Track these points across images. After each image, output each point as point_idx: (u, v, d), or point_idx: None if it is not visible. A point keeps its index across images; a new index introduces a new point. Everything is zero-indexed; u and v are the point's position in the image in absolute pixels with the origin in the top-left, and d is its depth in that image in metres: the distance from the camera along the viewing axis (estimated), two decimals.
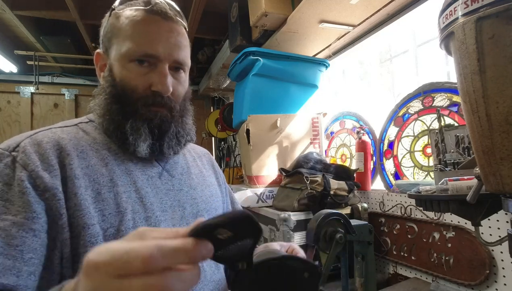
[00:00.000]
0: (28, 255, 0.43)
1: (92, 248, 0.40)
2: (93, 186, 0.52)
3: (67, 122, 0.60)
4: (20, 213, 0.44)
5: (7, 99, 2.94)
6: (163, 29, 0.57)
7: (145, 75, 0.57)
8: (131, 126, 0.57)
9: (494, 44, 0.43)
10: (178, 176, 0.65)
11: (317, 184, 1.20)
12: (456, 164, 0.84)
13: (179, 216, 0.60)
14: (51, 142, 0.52)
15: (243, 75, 1.60)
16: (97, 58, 0.63)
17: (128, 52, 0.56)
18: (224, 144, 3.16)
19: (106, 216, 0.50)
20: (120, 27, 0.57)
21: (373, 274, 0.82)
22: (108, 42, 0.60)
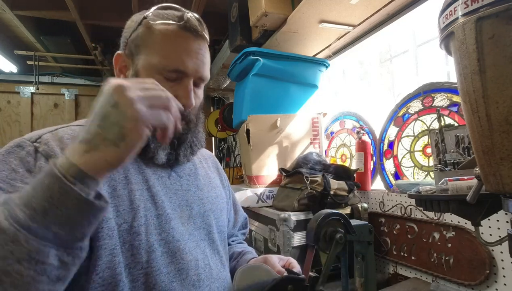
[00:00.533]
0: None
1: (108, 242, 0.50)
2: (109, 181, 0.54)
3: (84, 121, 0.62)
4: None
5: (7, 99, 2.94)
6: (193, 46, 0.60)
7: (171, 88, 0.59)
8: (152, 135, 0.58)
9: (494, 44, 0.43)
10: (186, 177, 0.68)
11: (317, 184, 1.20)
12: (456, 164, 0.84)
13: (187, 215, 0.63)
14: (71, 139, 0.54)
15: (243, 75, 1.60)
16: (117, 59, 0.64)
17: (159, 66, 0.58)
18: (224, 144, 3.16)
19: (120, 212, 0.53)
20: (151, 39, 0.59)
21: (373, 274, 0.82)
22: (135, 48, 0.61)
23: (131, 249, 0.52)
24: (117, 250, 0.50)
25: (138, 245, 0.52)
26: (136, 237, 0.53)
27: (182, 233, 0.59)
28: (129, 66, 0.63)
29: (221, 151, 3.20)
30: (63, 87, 3.09)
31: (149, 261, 0.53)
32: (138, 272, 0.52)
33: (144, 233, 0.54)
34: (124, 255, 0.51)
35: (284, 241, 1.15)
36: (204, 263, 0.61)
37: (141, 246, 0.53)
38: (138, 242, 0.53)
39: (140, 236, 0.53)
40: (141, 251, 0.53)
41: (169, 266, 0.55)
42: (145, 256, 0.53)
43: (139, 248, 0.53)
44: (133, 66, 0.61)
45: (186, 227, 0.61)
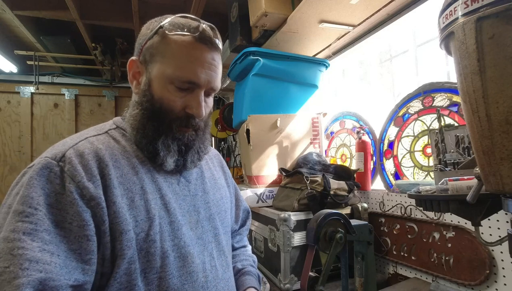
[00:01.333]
0: (87, 257, 0.50)
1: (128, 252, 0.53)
2: (127, 194, 0.57)
3: (98, 130, 0.64)
4: (74, 221, 0.50)
5: (7, 99, 2.94)
6: (207, 58, 0.62)
7: (182, 98, 0.62)
8: (162, 143, 0.62)
9: (494, 44, 0.43)
10: (193, 181, 0.70)
11: (317, 184, 1.20)
12: (456, 164, 0.84)
13: (195, 220, 0.66)
14: (92, 154, 0.56)
15: (243, 75, 1.60)
16: (131, 65, 0.66)
17: (173, 76, 0.60)
18: (224, 144, 3.16)
19: (138, 222, 0.56)
20: (166, 49, 0.60)
21: (373, 274, 0.82)
22: (150, 56, 0.62)
23: (147, 255, 0.55)
24: (134, 258, 0.54)
25: (154, 252, 0.56)
26: (152, 244, 0.56)
27: (191, 238, 0.62)
28: (142, 73, 0.64)
29: (221, 151, 3.20)
30: (63, 87, 3.09)
31: (163, 266, 0.56)
32: (153, 276, 0.55)
33: (159, 240, 0.57)
34: (140, 261, 0.54)
35: (284, 241, 1.15)
36: (211, 265, 0.64)
37: (156, 253, 0.56)
38: (153, 249, 0.56)
39: (155, 244, 0.56)
40: (156, 257, 0.56)
41: (181, 269, 0.58)
42: (159, 261, 0.56)
43: (155, 254, 0.56)
44: (146, 73, 0.63)
45: (194, 232, 0.64)
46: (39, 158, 0.54)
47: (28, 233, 0.46)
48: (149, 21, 0.66)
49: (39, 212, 0.48)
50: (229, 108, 2.43)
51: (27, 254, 0.44)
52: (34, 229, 0.46)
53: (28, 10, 2.09)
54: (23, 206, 0.47)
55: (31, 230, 0.46)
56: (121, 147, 0.62)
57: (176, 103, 0.62)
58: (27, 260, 0.44)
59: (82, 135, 0.60)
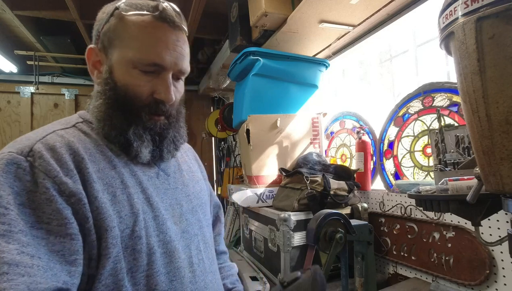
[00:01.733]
0: (71, 257, 0.46)
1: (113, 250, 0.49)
2: (108, 189, 0.53)
3: (64, 123, 0.59)
4: (52, 220, 0.45)
5: (7, 99, 2.94)
6: (171, 38, 0.58)
7: (148, 82, 0.58)
8: (133, 133, 0.58)
9: (494, 44, 0.43)
10: (172, 174, 0.67)
11: (317, 184, 1.20)
12: (456, 164, 0.84)
13: (178, 214, 0.63)
14: (64, 147, 0.51)
15: (243, 75, 1.60)
16: (90, 54, 0.61)
17: (135, 59, 0.56)
18: (224, 144, 3.16)
19: (122, 217, 0.52)
20: (125, 31, 0.57)
21: (373, 274, 0.82)
22: (108, 42, 0.58)
23: (133, 253, 0.52)
24: (120, 256, 0.50)
25: (140, 248, 0.52)
26: (138, 241, 0.52)
27: (176, 233, 0.60)
28: (103, 61, 0.60)
29: (221, 151, 3.20)
30: (63, 87, 3.09)
31: (149, 263, 0.53)
32: (140, 275, 0.52)
33: (145, 236, 0.54)
34: (126, 260, 0.51)
35: (284, 241, 1.15)
36: (198, 259, 0.62)
37: (142, 250, 0.53)
38: (140, 246, 0.52)
39: (141, 240, 0.53)
40: (143, 254, 0.53)
41: (168, 266, 0.56)
42: (146, 258, 0.53)
43: (141, 251, 0.52)
44: (107, 61, 0.59)
45: (179, 226, 0.61)
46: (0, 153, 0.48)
47: (2, 234, 0.41)
48: (105, 5, 0.62)
49: (10, 212, 0.43)
50: (229, 108, 2.43)
51: (4, 256, 0.40)
52: (8, 230, 0.42)
53: (28, 10, 2.09)
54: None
55: (4, 232, 0.41)
56: (93, 141, 0.57)
57: (142, 89, 0.57)
58: (5, 263, 0.39)
59: (48, 129, 0.55)
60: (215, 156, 3.46)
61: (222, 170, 3.10)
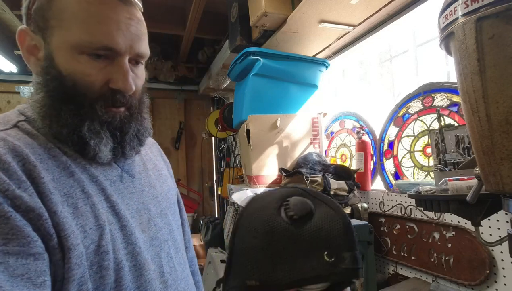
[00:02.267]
0: (39, 280, 0.39)
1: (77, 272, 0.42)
2: (67, 200, 0.45)
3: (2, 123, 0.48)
4: (11, 240, 0.38)
5: (7, 99, 2.94)
6: (122, 16, 0.48)
7: (101, 70, 0.49)
8: (89, 130, 0.49)
9: (494, 44, 0.43)
10: (137, 175, 0.60)
11: (317, 184, 1.20)
12: (456, 164, 0.84)
13: (146, 219, 0.56)
14: (10, 153, 0.42)
15: (243, 75, 1.60)
16: (22, 37, 0.50)
17: (81, 43, 0.46)
18: (224, 144, 3.16)
19: (87, 231, 0.45)
20: (64, 8, 0.46)
21: (373, 274, 0.82)
22: (43, 21, 0.48)
23: (100, 271, 0.45)
24: (85, 277, 0.43)
25: (107, 265, 0.46)
26: (105, 256, 0.46)
27: (144, 242, 0.53)
28: (40, 46, 0.50)
29: (221, 151, 3.20)
30: None
31: (117, 280, 0.47)
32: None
33: (112, 250, 0.47)
34: (92, 279, 0.44)
35: None
36: (169, 267, 0.57)
37: (109, 266, 0.46)
38: (107, 262, 0.46)
39: (108, 255, 0.46)
40: (110, 271, 0.46)
41: (138, 280, 0.50)
42: (113, 275, 0.46)
43: (108, 268, 0.46)
44: (45, 45, 0.49)
45: (147, 233, 0.55)
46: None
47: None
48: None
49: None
50: (229, 108, 2.43)
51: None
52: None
53: None
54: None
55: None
56: (42, 143, 0.47)
57: (95, 78, 0.48)
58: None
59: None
60: (215, 156, 3.46)
61: (222, 170, 3.10)
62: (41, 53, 0.50)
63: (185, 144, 3.35)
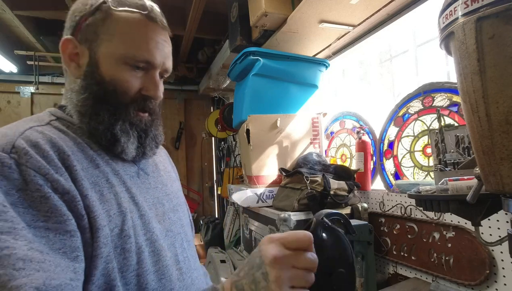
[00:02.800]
0: (73, 254, 0.44)
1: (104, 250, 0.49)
2: (94, 187, 0.51)
3: (37, 120, 0.55)
4: (50, 218, 0.43)
5: (7, 99, 2.94)
6: (160, 37, 0.59)
7: (138, 79, 0.58)
8: (121, 129, 0.58)
9: (494, 44, 0.43)
10: (151, 173, 0.67)
11: (317, 184, 1.20)
12: (456, 164, 0.84)
13: (161, 212, 0.63)
14: (48, 144, 0.49)
15: (243, 75, 1.60)
16: (66, 45, 0.59)
17: (127, 55, 0.56)
18: (224, 144, 3.16)
19: (111, 216, 0.51)
20: (115, 26, 0.56)
21: (373, 274, 0.82)
22: (93, 35, 0.57)
23: (123, 252, 0.51)
24: (111, 256, 0.49)
25: (130, 248, 0.51)
26: (127, 240, 0.51)
27: (161, 231, 0.59)
28: (82, 54, 0.58)
29: (221, 151, 3.20)
30: (63, 88, 3.09)
31: (139, 262, 0.52)
32: (130, 275, 0.51)
33: (133, 235, 0.53)
34: (116, 259, 0.50)
35: None
36: (183, 256, 0.62)
37: (132, 249, 0.52)
38: (129, 245, 0.51)
39: (130, 239, 0.52)
40: (132, 253, 0.52)
41: (156, 264, 0.55)
42: (135, 258, 0.52)
43: (130, 250, 0.51)
44: (89, 53, 0.57)
45: (162, 224, 0.61)
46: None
47: (7, 232, 0.39)
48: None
49: (8, 210, 0.41)
50: (229, 108, 2.43)
51: (17, 252, 0.38)
52: (12, 227, 0.40)
53: (28, 10, 2.09)
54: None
55: (9, 229, 0.39)
56: (72, 139, 0.55)
57: (132, 84, 0.57)
58: (20, 259, 0.38)
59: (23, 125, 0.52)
60: (215, 156, 3.46)
61: (222, 170, 3.10)
62: (83, 60, 0.58)
63: (185, 144, 3.35)
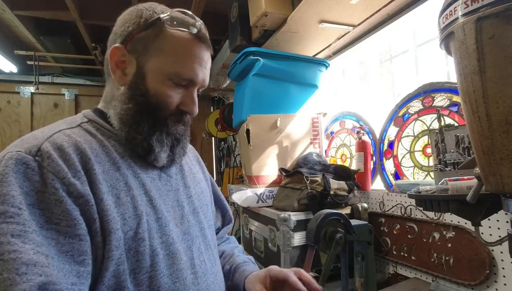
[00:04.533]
0: (80, 258, 0.46)
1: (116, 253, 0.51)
2: (112, 190, 0.54)
3: (69, 123, 0.59)
4: (62, 221, 0.46)
5: (7, 99, 2.94)
6: (204, 57, 0.63)
7: (178, 94, 0.62)
8: (157, 139, 0.61)
9: (494, 44, 0.43)
10: (174, 176, 0.68)
11: (317, 184, 1.20)
12: (456, 164, 0.84)
13: (180, 215, 0.64)
14: (72, 147, 0.52)
15: (243, 75, 1.60)
16: (115, 53, 0.61)
17: (173, 73, 0.59)
18: (224, 144, 3.16)
19: (126, 219, 0.53)
20: (167, 44, 0.59)
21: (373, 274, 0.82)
22: (143, 48, 0.60)
23: (136, 255, 0.53)
24: (123, 258, 0.51)
25: (143, 250, 0.53)
26: (141, 243, 0.53)
27: (177, 234, 0.61)
28: (129, 63, 0.61)
29: (221, 151, 3.20)
30: (63, 87, 3.09)
31: (152, 265, 0.54)
32: (143, 277, 0.53)
33: (148, 238, 0.54)
34: (129, 261, 0.52)
35: (284, 241, 1.15)
36: (200, 260, 0.63)
37: (145, 252, 0.53)
38: (143, 248, 0.53)
39: (144, 242, 0.54)
40: (146, 256, 0.53)
41: (171, 267, 0.57)
42: (149, 260, 0.54)
43: (144, 253, 0.53)
44: (137, 64, 0.60)
45: (180, 228, 0.62)
46: (8, 152, 0.48)
47: (17, 235, 0.42)
48: (135, 7, 0.63)
49: (24, 212, 0.43)
50: (229, 108, 2.43)
51: (22, 257, 0.40)
52: (23, 230, 0.42)
53: (28, 10, 2.09)
54: (4, 206, 0.43)
55: (19, 232, 0.42)
56: (98, 141, 0.58)
57: (173, 100, 0.61)
58: (23, 264, 0.40)
59: (54, 128, 0.55)
60: (215, 156, 3.46)
61: (222, 170, 3.10)
62: (130, 70, 0.61)
63: None
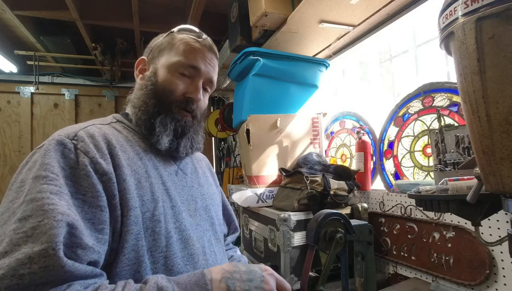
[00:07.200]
0: (99, 226, 0.53)
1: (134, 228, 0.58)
2: (134, 175, 0.62)
3: (101, 121, 0.70)
4: (88, 192, 0.53)
5: (7, 99, 2.94)
6: (208, 55, 0.73)
7: (183, 84, 0.71)
8: (160, 120, 0.68)
9: (494, 44, 0.43)
10: (189, 174, 0.76)
11: (317, 184, 1.20)
12: (456, 164, 0.84)
13: (193, 208, 0.71)
14: (101, 136, 0.61)
15: (243, 75, 1.60)
16: (140, 62, 0.76)
17: (177, 63, 0.70)
18: (224, 144, 3.16)
19: (144, 201, 0.60)
20: (173, 44, 0.72)
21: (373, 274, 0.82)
22: (158, 52, 0.73)
23: (153, 234, 0.59)
24: (141, 235, 0.57)
25: (159, 231, 0.60)
26: (157, 224, 0.60)
27: (191, 223, 0.67)
28: (148, 68, 0.74)
29: (221, 151, 3.20)
30: (63, 87, 3.09)
31: (167, 246, 0.60)
32: (159, 255, 0.59)
33: (163, 221, 0.61)
34: (146, 239, 0.58)
35: (284, 241, 1.15)
36: (210, 250, 0.69)
37: (161, 232, 0.60)
38: (159, 229, 0.60)
39: (160, 224, 0.60)
40: (161, 236, 0.60)
41: (184, 251, 0.63)
42: (164, 241, 0.60)
43: (160, 234, 0.60)
44: (153, 66, 0.73)
45: (193, 219, 0.69)
46: (51, 138, 0.57)
47: (55, 193, 0.49)
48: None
49: (60, 179, 0.51)
50: (229, 108, 2.43)
51: (58, 208, 0.47)
52: (59, 191, 0.50)
53: (28, 10, 2.09)
54: (45, 172, 0.50)
55: (57, 192, 0.49)
56: (124, 136, 0.67)
57: (177, 87, 0.70)
58: (60, 213, 0.47)
59: (89, 123, 0.65)
60: (215, 156, 3.46)
61: (222, 170, 3.10)
62: (147, 72, 0.73)
63: None
